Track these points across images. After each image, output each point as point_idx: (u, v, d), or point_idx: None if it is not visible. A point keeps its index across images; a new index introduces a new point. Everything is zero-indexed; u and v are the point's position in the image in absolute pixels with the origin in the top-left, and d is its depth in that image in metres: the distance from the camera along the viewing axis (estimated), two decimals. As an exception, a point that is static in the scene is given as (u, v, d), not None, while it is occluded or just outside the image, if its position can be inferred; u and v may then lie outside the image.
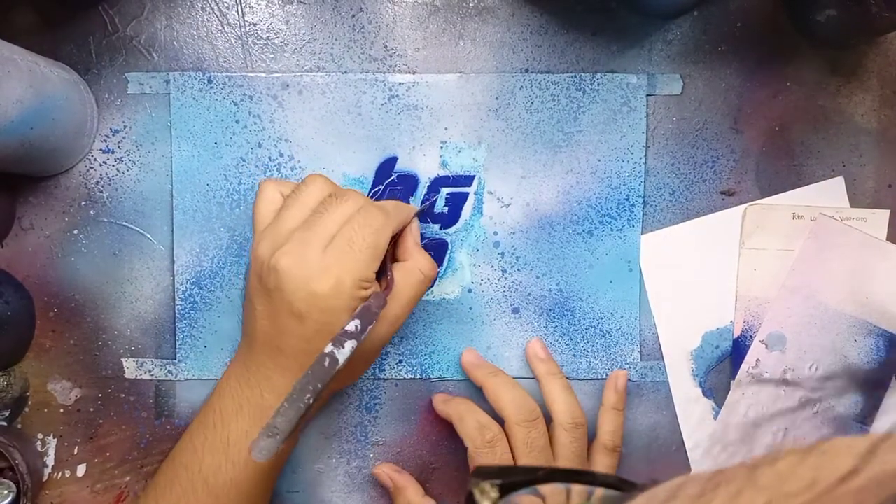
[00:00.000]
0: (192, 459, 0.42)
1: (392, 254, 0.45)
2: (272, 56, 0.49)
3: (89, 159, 0.49)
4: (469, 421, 0.46)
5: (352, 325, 0.38)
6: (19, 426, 0.49)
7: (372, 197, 0.49)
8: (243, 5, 0.49)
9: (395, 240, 0.45)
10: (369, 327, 0.38)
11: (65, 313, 0.50)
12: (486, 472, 0.23)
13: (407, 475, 0.48)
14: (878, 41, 0.50)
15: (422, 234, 0.50)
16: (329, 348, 0.36)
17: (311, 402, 0.35)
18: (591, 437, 0.50)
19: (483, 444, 0.45)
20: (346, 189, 0.43)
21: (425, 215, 0.50)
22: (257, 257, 0.41)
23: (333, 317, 0.39)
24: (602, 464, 0.48)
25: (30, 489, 0.45)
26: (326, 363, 0.36)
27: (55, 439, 0.49)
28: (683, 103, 0.50)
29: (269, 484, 0.45)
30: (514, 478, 0.23)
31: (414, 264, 0.44)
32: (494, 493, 0.23)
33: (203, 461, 0.42)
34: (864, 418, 0.50)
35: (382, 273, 0.43)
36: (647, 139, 0.50)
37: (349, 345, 0.37)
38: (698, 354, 0.51)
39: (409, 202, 0.50)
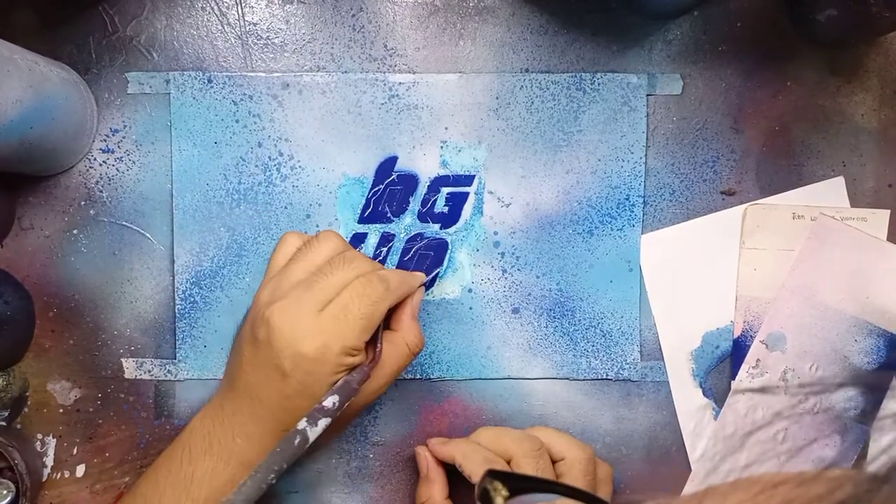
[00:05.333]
0: (153, 492, 0.42)
1: (386, 321, 0.45)
2: (272, 56, 0.49)
3: (89, 159, 0.49)
4: (474, 457, 0.44)
5: (329, 401, 0.38)
6: (19, 426, 0.49)
7: (371, 196, 0.49)
8: (243, 5, 0.49)
9: (394, 307, 0.45)
10: (347, 403, 0.39)
11: (64, 313, 0.49)
12: (497, 474, 0.26)
13: (441, 471, 0.46)
14: (879, 41, 0.50)
15: (422, 235, 0.50)
16: (302, 424, 0.36)
17: (273, 481, 0.35)
18: (591, 436, 0.50)
19: None
20: (355, 253, 0.43)
21: (426, 215, 0.50)
22: (256, 302, 0.42)
23: (316, 380, 0.40)
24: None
25: (29, 489, 0.45)
26: (297, 441, 0.36)
27: (54, 439, 0.49)
28: (683, 103, 0.50)
29: None
30: (522, 483, 0.26)
31: (402, 337, 0.44)
32: (505, 492, 0.25)
33: (164, 494, 0.41)
34: (865, 418, 0.49)
35: (372, 342, 0.43)
36: (647, 139, 0.50)
37: (322, 423, 0.37)
38: (698, 354, 0.51)
39: (408, 202, 0.50)
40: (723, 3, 0.50)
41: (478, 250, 0.50)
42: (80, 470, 0.50)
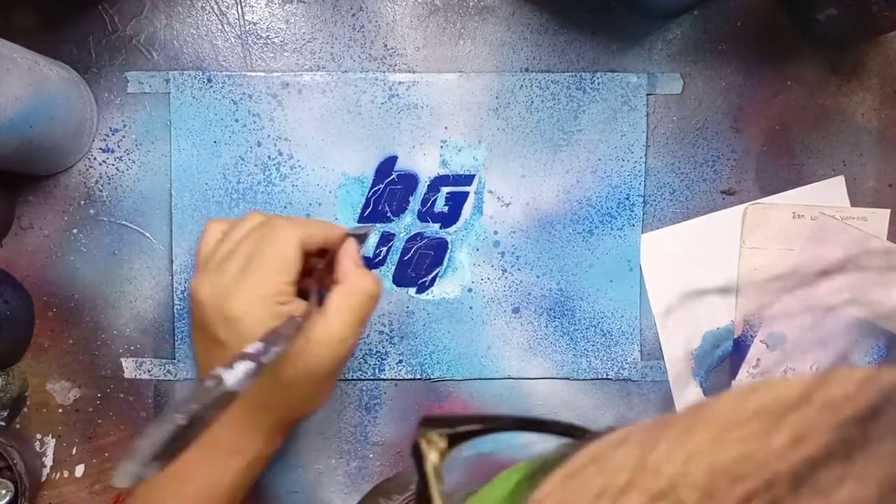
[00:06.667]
0: (146, 490, 0.42)
1: (326, 277, 0.43)
2: (272, 55, 0.49)
3: (89, 158, 0.49)
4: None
5: (252, 347, 0.35)
6: (18, 426, 0.49)
7: (371, 196, 0.49)
8: (243, 4, 0.49)
9: (331, 263, 0.43)
10: (275, 349, 0.36)
11: (64, 313, 0.49)
12: (434, 422, 0.21)
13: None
14: (879, 40, 0.50)
15: (422, 234, 0.50)
16: (217, 370, 0.34)
17: (182, 422, 0.31)
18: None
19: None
20: (275, 216, 0.42)
21: (425, 215, 0.50)
22: (190, 292, 0.41)
23: (251, 340, 0.36)
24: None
25: (28, 489, 0.45)
26: (211, 384, 0.33)
27: (54, 439, 0.49)
28: (684, 102, 0.50)
29: None
30: (464, 427, 0.21)
31: (352, 286, 0.42)
32: (443, 444, 0.20)
33: (154, 489, 0.41)
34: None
35: (313, 295, 0.41)
36: (647, 138, 0.50)
37: (241, 366, 0.34)
38: (699, 354, 0.51)
39: (408, 201, 0.50)
40: (723, 2, 0.50)
41: (478, 250, 0.50)
42: (80, 470, 0.49)
